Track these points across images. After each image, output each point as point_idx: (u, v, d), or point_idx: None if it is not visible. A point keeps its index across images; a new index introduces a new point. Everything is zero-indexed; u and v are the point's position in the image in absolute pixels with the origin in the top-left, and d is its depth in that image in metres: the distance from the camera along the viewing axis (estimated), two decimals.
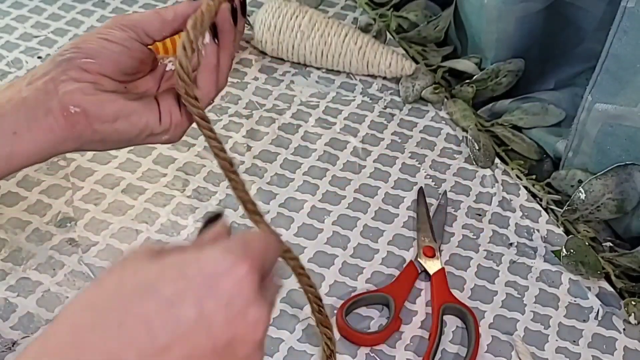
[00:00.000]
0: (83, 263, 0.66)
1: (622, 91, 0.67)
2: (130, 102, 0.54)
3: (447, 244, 0.71)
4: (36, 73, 0.54)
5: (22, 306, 0.63)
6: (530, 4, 0.81)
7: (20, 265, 0.66)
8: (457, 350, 0.63)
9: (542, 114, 0.81)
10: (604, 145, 0.71)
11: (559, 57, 0.86)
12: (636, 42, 0.64)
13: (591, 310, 0.67)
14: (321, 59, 0.87)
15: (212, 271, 0.37)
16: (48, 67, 0.54)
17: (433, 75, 0.87)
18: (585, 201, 0.71)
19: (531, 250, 0.71)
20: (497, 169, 0.79)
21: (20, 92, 0.53)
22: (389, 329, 0.63)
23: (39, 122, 0.53)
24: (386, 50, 0.86)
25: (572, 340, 0.64)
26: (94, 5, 0.94)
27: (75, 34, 0.90)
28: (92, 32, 0.55)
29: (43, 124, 0.53)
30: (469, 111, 0.83)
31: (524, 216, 0.74)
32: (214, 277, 0.37)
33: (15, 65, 0.85)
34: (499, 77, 0.85)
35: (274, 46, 0.87)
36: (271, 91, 0.85)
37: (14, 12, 0.92)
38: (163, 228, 0.70)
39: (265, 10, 0.86)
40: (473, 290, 0.67)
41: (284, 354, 0.61)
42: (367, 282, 0.67)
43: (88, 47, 0.54)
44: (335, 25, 0.86)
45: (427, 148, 0.80)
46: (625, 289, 0.69)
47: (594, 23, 0.81)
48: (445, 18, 0.90)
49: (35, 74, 0.54)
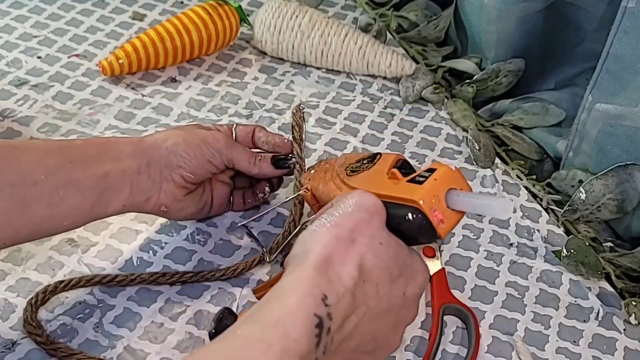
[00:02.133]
0: (82, 263, 0.66)
1: (623, 91, 0.67)
2: (198, 201, 0.67)
3: (447, 244, 0.71)
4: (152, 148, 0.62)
5: (21, 306, 0.63)
6: (531, 4, 0.81)
7: (20, 265, 0.66)
8: (457, 350, 0.63)
9: (542, 114, 0.81)
10: (605, 145, 0.71)
11: (559, 57, 0.86)
12: (636, 42, 0.64)
13: (591, 311, 0.67)
14: (321, 59, 0.87)
15: (417, 267, 0.55)
16: (163, 153, 0.62)
17: (433, 75, 0.87)
18: (586, 201, 0.71)
19: (531, 250, 0.71)
20: (497, 169, 0.79)
21: (132, 168, 0.61)
22: None
23: (137, 203, 0.62)
24: (386, 50, 0.86)
25: (573, 341, 0.64)
26: (93, 5, 0.94)
27: (75, 33, 0.90)
28: (199, 145, 0.64)
29: (138, 205, 0.62)
30: (469, 111, 0.83)
31: (525, 216, 0.74)
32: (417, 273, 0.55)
33: (15, 65, 0.85)
34: (499, 77, 0.85)
35: (274, 46, 0.87)
36: (271, 91, 0.85)
37: (13, 12, 0.92)
38: (163, 228, 0.70)
39: (265, 10, 0.86)
40: (473, 291, 0.67)
41: None
42: None
43: (192, 165, 0.63)
44: (335, 25, 0.86)
45: (428, 148, 0.80)
46: (626, 289, 0.69)
47: (594, 23, 0.81)
48: (445, 18, 0.90)
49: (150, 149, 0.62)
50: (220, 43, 0.87)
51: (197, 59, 0.88)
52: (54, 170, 0.56)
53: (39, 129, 0.78)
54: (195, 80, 0.86)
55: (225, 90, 0.85)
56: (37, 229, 0.57)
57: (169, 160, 0.62)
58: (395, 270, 0.53)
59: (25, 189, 0.55)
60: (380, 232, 0.52)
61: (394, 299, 0.53)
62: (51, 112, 0.80)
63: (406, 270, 0.54)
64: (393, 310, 0.53)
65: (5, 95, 0.81)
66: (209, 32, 0.85)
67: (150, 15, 0.93)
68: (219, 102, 0.83)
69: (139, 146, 0.61)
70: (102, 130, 0.78)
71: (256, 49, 0.90)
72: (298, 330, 0.46)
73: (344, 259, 0.50)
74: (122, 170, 0.60)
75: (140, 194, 0.61)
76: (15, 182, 0.54)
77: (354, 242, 0.51)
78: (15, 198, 0.54)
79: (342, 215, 0.52)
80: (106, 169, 0.59)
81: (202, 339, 0.61)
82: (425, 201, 0.53)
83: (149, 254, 0.68)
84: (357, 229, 0.51)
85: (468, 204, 0.53)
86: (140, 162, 0.61)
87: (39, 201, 0.55)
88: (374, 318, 0.52)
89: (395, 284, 0.53)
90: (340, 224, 0.51)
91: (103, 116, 0.80)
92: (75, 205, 0.57)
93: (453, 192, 0.54)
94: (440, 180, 0.54)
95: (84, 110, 0.81)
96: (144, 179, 0.61)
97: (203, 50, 0.86)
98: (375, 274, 0.51)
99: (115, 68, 0.83)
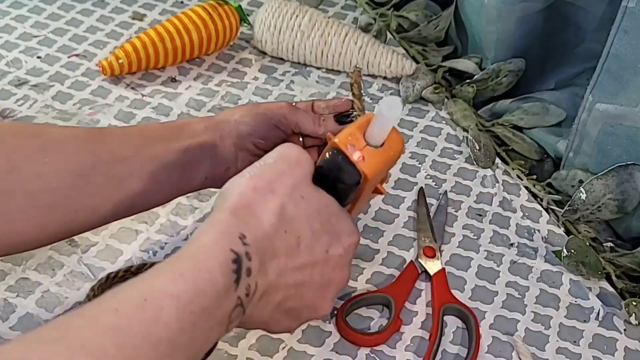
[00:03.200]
0: (82, 263, 0.66)
1: (623, 91, 0.67)
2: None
3: (447, 244, 0.71)
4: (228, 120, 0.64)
5: (21, 306, 0.63)
6: (531, 4, 0.81)
7: (20, 265, 0.66)
8: (458, 350, 0.63)
9: (542, 114, 0.81)
10: (605, 145, 0.71)
11: (559, 57, 0.86)
12: (637, 42, 0.64)
13: (592, 311, 0.67)
14: (321, 58, 0.87)
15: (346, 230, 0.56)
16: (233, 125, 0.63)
17: (433, 75, 0.87)
18: (586, 201, 0.71)
19: (532, 250, 0.71)
20: (497, 169, 0.79)
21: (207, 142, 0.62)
22: (389, 329, 0.63)
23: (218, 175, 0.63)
24: (386, 50, 0.86)
25: (573, 341, 0.64)
26: (93, 5, 0.94)
27: (74, 33, 0.90)
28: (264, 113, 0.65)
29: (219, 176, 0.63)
30: (469, 111, 0.83)
31: (525, 216, 0.74)
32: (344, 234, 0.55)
33: (15, 65, 0.85)
34: (499, 77, 0.85)
35: (274, 46, 0.87)
36: (271, 91, 0.85)
37: (13, 11, 0.92)
38: (163, 228, 0.70)
39: (265, 10, 0.86)
40: (473, 291, 0.67)
41: (284, 355, 0.61)
42: (367, 283, 0.67)
43: (261, 131, 0.64)
44: (335, 25, 0.86)
45: (428, 148, 0.80)
46: (626, 290, 0.68)
47: (594, 23, 0.81)
48: (445, 18, 0.90)
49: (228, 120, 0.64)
50: (220, 43, 0.87)
51: (197, 58, 0.88)
52: (139, 147, 0.59)
53: None
54: (195, 80, 0.86)
55: (225, 90, 0.85)
56: (133, 202, 0.60)
57: (239, 130, 0.64)
58: (316, 226, 0.53)
59: (117, 165, 0.58)
60: (303, 185, 0.53)
61: (316, 255, 0.53)
62: (51, 112, 0.80)
63: (330, 228, 0.54)
64: (316, 266, 0.54)
65: (5, 95, 0.81)
66: (209, 32, 0.85)
67: (150, 15, 0.93)
68: (219, 102, 0.83)
69: (210, 122, 0.64)
70: None
71: (256, 49, 0.89)
72: (211, 263, 0.46)
73: (263, 207, 0.51)
74: (199, 145, 0.62)
75: (220, 165, 0.63)
76: (108, 160, 0.58)
77: (273, 192, 0.52)
78: (110, 174, 0.58)
79: (263, 167, 0.53)
80: (185, 145, 0.61)
81: None
82: (341, 139, 0.54)
83: (149, 254, 0.68)
84: (277, 180, 0.52)
85: (376, 124, 0.54)
86: (214, 135, 0.63)
87: (130, 176, 0.59)
88: (297, 270, 0.52)
89: (317, 240, 0.53)
90: (260, 175, 0.52)
91: (103, 116, 0.80)
92: (163, 179, 0.60)
93: (369, 128, 0.55)
94: (358, 123, 0.56)
95: (84, 110, 0.81)
96: (220, 151, 0.63)
97: (203, 50, 0.86)
98: (296, 226, 0.52)
99: (115, 68, 0.83)
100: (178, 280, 0.44)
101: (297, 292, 0.53)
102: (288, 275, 0.52)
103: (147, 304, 0.43)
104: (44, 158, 0.55)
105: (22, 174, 0.54)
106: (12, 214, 0.54)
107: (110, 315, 0.42)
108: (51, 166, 0.55)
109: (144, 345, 0.42)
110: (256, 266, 0.49)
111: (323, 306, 0.56)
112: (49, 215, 0.56)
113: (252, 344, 0.61)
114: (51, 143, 0.57)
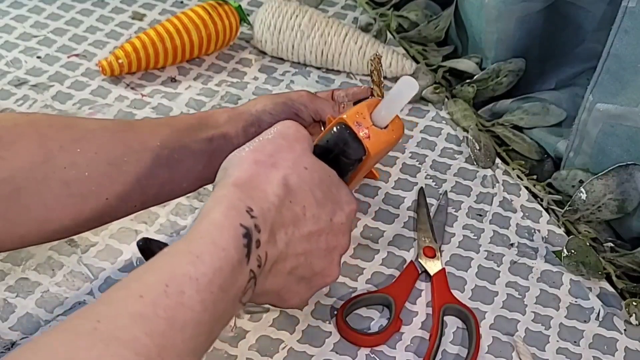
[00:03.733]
0: (82, 263, 0.66)
1: (623, 91, 0.67)
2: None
3: (447, 244, 0.71)
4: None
5: (21, 306, 0.63)
6: (531, 4, 0.80)
7: (20, 265, 0.66)
8: (458, 351, 0.63)
9: (542, 114, 0.81)
10: (605, 145, 0.71)
11: (559, 57, 0.86)
12: (637, 42, 0.64)
13: (592, 311, 0.67)
14: (321, 58, 0.87)
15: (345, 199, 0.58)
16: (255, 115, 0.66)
17: (433, 75, 0.87)
18: (586, 201, 0.71)
19: (532, 250, 0.71)
20: (497, 169, 0.79)
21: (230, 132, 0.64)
22: (389, 329, 0.62)
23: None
24: (386, 50, 0.86)
25: (573, 341, 0.64)
26: (93, 5, 0.94)
27: (74, 33, 0.90)
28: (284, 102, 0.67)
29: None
30: (469, 111, 0.83)
31: (525, 216, 0.74)
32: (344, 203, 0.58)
33: (15, 65, 0.85)
34: (499, 77, 0.85)
35: (274, 46, 0.87)
36: (271, 91, 0.85)
37: (13, 11, 0.92)
38: (162, 228, 0.70)
39: (265, 9, 0.86)
40: (474, 291, 0.67)
41: (283, 355, 0.61)
42: (367, 283, 0.67)
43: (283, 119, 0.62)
44: (335, 25, 0.86)
45: (428, 148, 0.80)
46: (626, 290, 0.68)
47: (594, 23, 0.81)
48: (445, 18, 0.90)
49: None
50: (220, 43, 0.87)
51: (197, 58, 0.88)
52: (167, 137, 0.61)
53: None
54: (195, 80, 0.86)
55: (225, 90, 0.85)
56: (161, 190, 0.62)
57: (261, 120, 0.65)
58: (319, 195, 0.55)
59: (147, 154, 0.60)
60: (305, 157, 0.55)
61: (321, 223, 0.55)
62: (51, 111, 0.80)
63: (332, 197, 0.56)
64: (322, 234, 0.56)
65: (4, 95, 0.81)
66: (208, 32, 0.85)
67: (150, 15, 0.93)
68: (219, 102, 0.83)
69: (233, 113, 0.66)
70: None
71: (256, 48, 0.89)
72: (225, 239, 0.47)
73: (267, 179, 0.53)
74: (223, 135, 0.64)
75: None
76: (139, 149, 0.60)
77: (274, 165, 0.53)
78: (140, 162, 0.60)
79: (262, 142, 0.55)
80: (209, 135, 0.63)
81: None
82: (349, 116, 0.58)
83: None
84: (277, 154, 0.54)
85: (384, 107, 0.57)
86: (237, 125, 0.65)
87: (159, 164, 0.60)
88: (304, 239, 0.54)
89: (322, 209, 0.55)
90: (259, 149, 0.54)
91: (103, 116, 0.80)
92: (190, 167, 0.62)
93: (376, 110, 0.58)
94: (367, 103, 0.59)
95: (84, 110, 0.81)
96: (243, 140, 0.63)
97: (203, 50, 0.86)
98: (300, 196, 0.54)
99: (115, 68, 0.83)
100: (196, 263, 0.45)
101: (305, 260, 0.55)
102: (296, 244, 0.54)
103: (170, 289, 0.44)
104: (77, 148, 0.57)
105: (57, 163, 0.56)
106: (49, 202, 0.56)
107: (136, 303, 0.43)
108: (84, 156, 0.57)
109: (171, 331, 0.43)
110: (265, 237, 0.50)
111: (332, 271, 0.58)
112: (82, 204, 0.58)
113: (252, 344, 0.61)
114: (84, 133, 0.58)
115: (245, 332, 0.62)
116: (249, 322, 0.63)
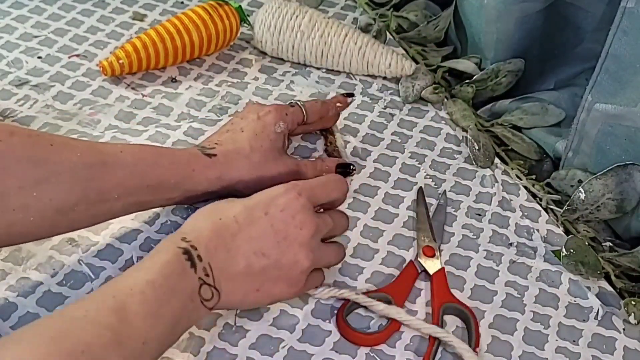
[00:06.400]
0: (83, 263, 0.66)
1: (622, 91, 0.67)
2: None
3: (447, 243, 0.71)
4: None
5: (22, 306, 0.63)
6: (530, 4, 0.81)
7: (20, 265, 0.66)
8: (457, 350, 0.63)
9: (541, 114, 0.81)
10: (604, 145, 0.71)
11: (558, 57, 0.86)
12: (636, 42, 0.64)
13: (591, 310, 0.67)
14: (321, 59, 0.87)
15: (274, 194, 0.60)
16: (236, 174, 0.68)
17: (433, 75, 0.87)
18: (585, 201, 0.71)
19: (531, 250, 0.71)
20: (496, 169, 0.79)
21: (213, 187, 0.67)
22: (388, 329, 0.63)
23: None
24: (386, 50, 0.86)
25: (572, 340, 0.64)
26: (94, 6, 0.94)
27: (75, 34, 0.90)
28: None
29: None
30: (468, 111, 0.83)
31: (524, 216, 0.74)
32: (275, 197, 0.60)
33: (16, 65, 0.85)
34: (498, 77, 0.85)
35: (274, 46, 0.87)
36: (271, 91, 0.85)
37: (14, 12, 0.92)
38: (163, 228, 0.70)
39: (265, 10, 0.87)
40: (473, 290, 0.67)
41: (284, 354, 0.61)
42: (367, 282, 0.67)
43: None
44: (335, 25, 0.86)
45: (427, 148, 0.80)
46: (625, 289, 0.69)
47: (593, 23, 0.81)
48: (445, 18, 0.90)
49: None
50: (220, 43, 0.87)
51: (198, 59, 0.88)
52: (130, 191, 0.61)
53: (39, 129, 0.78)
54: (195, 81, 0.86)
55: (225, 91, 0.85)
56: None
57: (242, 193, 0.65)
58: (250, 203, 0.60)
59: (97, 206, 0.60)
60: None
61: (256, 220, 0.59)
62: (51, 112, 0.80)
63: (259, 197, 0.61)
64: (261, 226, 0.59)
65: (5, 95, 0.82)
66: (209, 32, 0.85)
67: (151, 16, 0.93)
68: (219, 102, 0.83)
69: (222, 171, 0.66)
70: (102, 131, 0.78)
71: (256, 49, 0.90)
72: (163, 257, 0.54)
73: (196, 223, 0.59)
74: (202, 193, 0.67)
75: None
76: (95, 200, 0.59)
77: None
78: (89, 213, 0.60)
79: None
80: (180, 194, 0.65)
81: (202, 338, 0.61)
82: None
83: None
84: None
85: None
86: (222, 185, 0.67)
87: (105, 216, 0.62)
88: (244, 241, 0.57)
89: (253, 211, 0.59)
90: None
91: (103, 116, 0.80)
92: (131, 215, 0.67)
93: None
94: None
95: (85, 110, 0.81)
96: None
97: (203, 50, 0.86)
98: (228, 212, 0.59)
99: (116, 68, 0.83)
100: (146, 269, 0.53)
101: (258, 252, 0.58)
102: (239, 246, 0.57)
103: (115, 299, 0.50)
104: (35, 192, 0.56)
105: (9, 205, 0.55)
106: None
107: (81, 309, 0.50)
108: (38, 201, 0.56)
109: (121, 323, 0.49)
110: (204, 252, 0.55)
111: (298, 257, 0.59)
112: (18, 240, 0.59)
113: (252, 343, 0.61)
114: (49, 175, 0.57)
115: (245, 331, 0.62)
116: (249, 321, 0.63)
